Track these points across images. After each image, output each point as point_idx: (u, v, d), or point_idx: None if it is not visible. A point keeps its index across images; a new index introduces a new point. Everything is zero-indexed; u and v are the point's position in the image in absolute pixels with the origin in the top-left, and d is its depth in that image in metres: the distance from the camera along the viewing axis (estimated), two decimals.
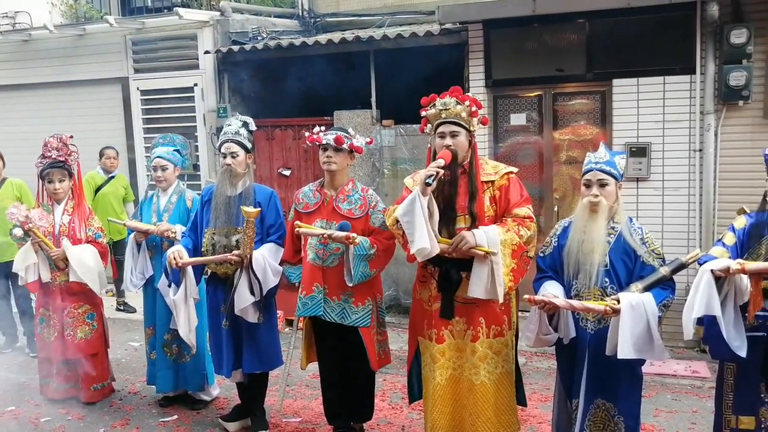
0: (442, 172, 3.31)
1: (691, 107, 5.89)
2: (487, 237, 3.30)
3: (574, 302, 3.11)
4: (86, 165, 5.99)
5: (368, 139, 4.06)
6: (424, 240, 3.24)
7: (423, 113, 3.56)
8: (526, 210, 3.46)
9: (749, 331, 2.98)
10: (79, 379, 4.91)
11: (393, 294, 7.14)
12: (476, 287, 3.34)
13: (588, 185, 3.23)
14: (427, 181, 3.24)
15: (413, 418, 4.61)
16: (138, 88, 8.44)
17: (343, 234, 3.65)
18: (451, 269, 3.46)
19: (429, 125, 3.56)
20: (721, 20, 5.61)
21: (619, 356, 2.98)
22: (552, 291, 3.20)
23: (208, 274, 4.31)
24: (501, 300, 3.36)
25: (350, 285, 3.73)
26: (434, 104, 3.50)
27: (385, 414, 4.71)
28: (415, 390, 3.81)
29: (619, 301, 2.99)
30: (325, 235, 3.70)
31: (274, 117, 7.91)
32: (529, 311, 3.31)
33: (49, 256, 4.66)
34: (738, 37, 5.53)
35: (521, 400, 3.75)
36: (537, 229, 3.53)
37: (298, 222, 3.84)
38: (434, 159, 3.45)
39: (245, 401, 4.48)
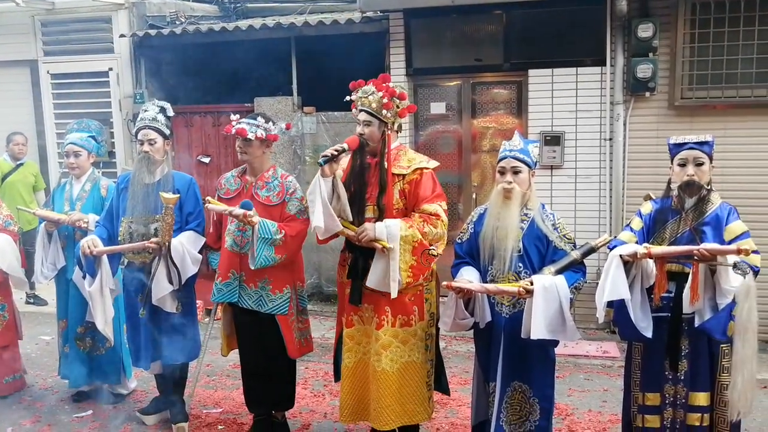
0: (338, 155, 3.40)
1: (601, 98, 6.12)
2: (388, 231, 3.34)
3: (489, 286, 3.18)
4: None
5: (285, 124, 4.03)
6: (319, 219, 3.34)
7: (350, 98, 3.62)
8: (435, 207, 3.45)
9: (655, 312, 3.14)
10: None
11: (315, 282, 7.14)
12: (372, 278, 3.41)
13: (502, 172, 3.30)
14: (319, 161, 3.36)
15: (335, 405, 4.63)
16: (48, 72, 8.09)
17: (240, 212, 3.62)
18: (359, 257, 3.52)
19: (355, 110, 3.61)
20: (629, 15, 5.85)
21: (533, 337, 3.06)
22: (468, 276, 3.28)
23: (125, 263, 4.20)
24: (394, 295, 3.36)
25: (252, 268, 3.68)
26: (359, 89, 3.56)
27: (307, 402, 4.72)
28: (341, 369, 3.84)
29: (532, 283, 3.07)
30: (227, 212, 3.69)
31: (194, 103, 7.73)
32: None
33: None
34: (645, 31, 5.79)
35: (444, 389, 3.84)
36: (446, 226, 3.49)
37: (209, 198, 3.82)
38: None
39: (164, 393, 4.40)
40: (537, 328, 3.05)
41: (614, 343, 5.87)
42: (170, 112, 4.16)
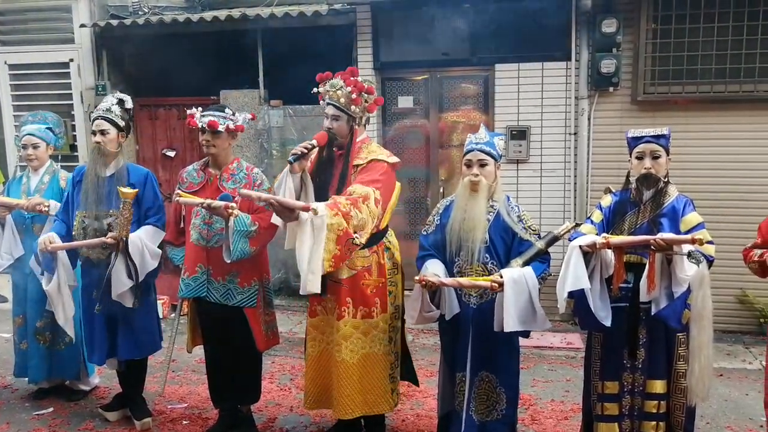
0: (307, 152, 3.39)
1: (567, 92, 6.19)
2: (316, 223, 3.13)
3: (462, 280, 3.20)
4: None
5: (250, 115, 3.99)
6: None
7: (317, 90, 3.60)
8: (367, 190, 3.33)
9: (614, 302, 3.19)
10: None
11: (282, 276, 7.10)
12: (301, 270, 3.18)
13: (469, 165, 3.32)
14: (289, 159, 3.35)
15: (301, 398, 4.62)
16: (6, 62, 7.86)
17: (221, 203, 3.57)
18: None
19: (323, 102, 3.60)
20: (593, 10, 5.93)
21: (506, 330, 3.10)
22: (433, 269, 3.27)
23: (82, 259, 4.11)
24: (316, 290, 3.13)
25: (228, 261, 3.65)
26: (327, 82, 3.55)
27: (273, 396, 4.70)
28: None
29: (502, 276, 3.11)
30: (204, 204, 3.61)
31: (158, 96, 7.63)
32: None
33: None
34: (609, 26, 5.88)
35: (413, 379, 3.92)
36: (373, 215, 3.31)
37: (179, 191, 3.76)
38: None
39: (126, 389, 4.33)
40: (509, 320, 3.09)
41: (578, 334, 5.95)
42: (129, 104, 4.08)
